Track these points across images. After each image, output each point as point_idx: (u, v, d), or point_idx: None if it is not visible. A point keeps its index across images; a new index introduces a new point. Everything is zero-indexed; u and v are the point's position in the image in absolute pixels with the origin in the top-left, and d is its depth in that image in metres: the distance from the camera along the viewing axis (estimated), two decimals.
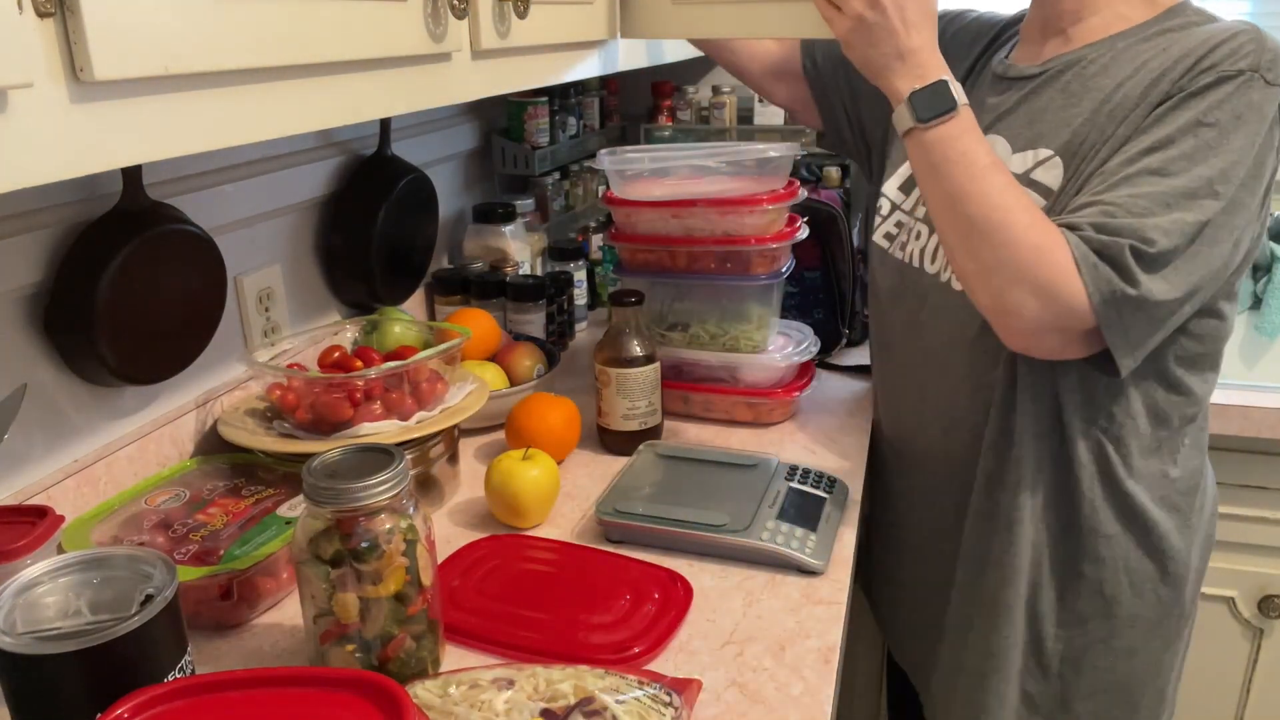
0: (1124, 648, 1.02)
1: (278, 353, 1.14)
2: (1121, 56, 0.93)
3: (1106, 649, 1.01)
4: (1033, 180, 0.94)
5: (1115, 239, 0.82)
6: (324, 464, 0.75)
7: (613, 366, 1.19)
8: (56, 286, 0.87)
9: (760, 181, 1.23)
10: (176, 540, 0.88)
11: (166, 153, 0.54)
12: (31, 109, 0.45)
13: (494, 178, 1.77)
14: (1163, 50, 0.90)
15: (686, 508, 1.01)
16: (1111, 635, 1.01)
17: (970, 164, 0.88)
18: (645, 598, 0.90)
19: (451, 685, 0.72)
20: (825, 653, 0.84)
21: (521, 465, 1.04)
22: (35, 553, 0.71)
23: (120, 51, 0.48)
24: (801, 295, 1.54)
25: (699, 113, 2.01)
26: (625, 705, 0.70)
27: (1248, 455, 1.48)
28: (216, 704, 0.55)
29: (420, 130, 1.50)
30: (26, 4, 0.44)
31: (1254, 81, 0.85)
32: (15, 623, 0.60)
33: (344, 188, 1.30)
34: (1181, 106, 0.86)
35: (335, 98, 0.68)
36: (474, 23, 0.84)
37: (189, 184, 1.03)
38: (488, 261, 1.58)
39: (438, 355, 1.06)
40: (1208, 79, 0.85)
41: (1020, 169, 0.96)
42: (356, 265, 1.29)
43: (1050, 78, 0.98)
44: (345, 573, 0.73)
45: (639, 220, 1.28)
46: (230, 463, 1.03)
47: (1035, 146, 0.96)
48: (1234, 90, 0.85)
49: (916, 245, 1.07)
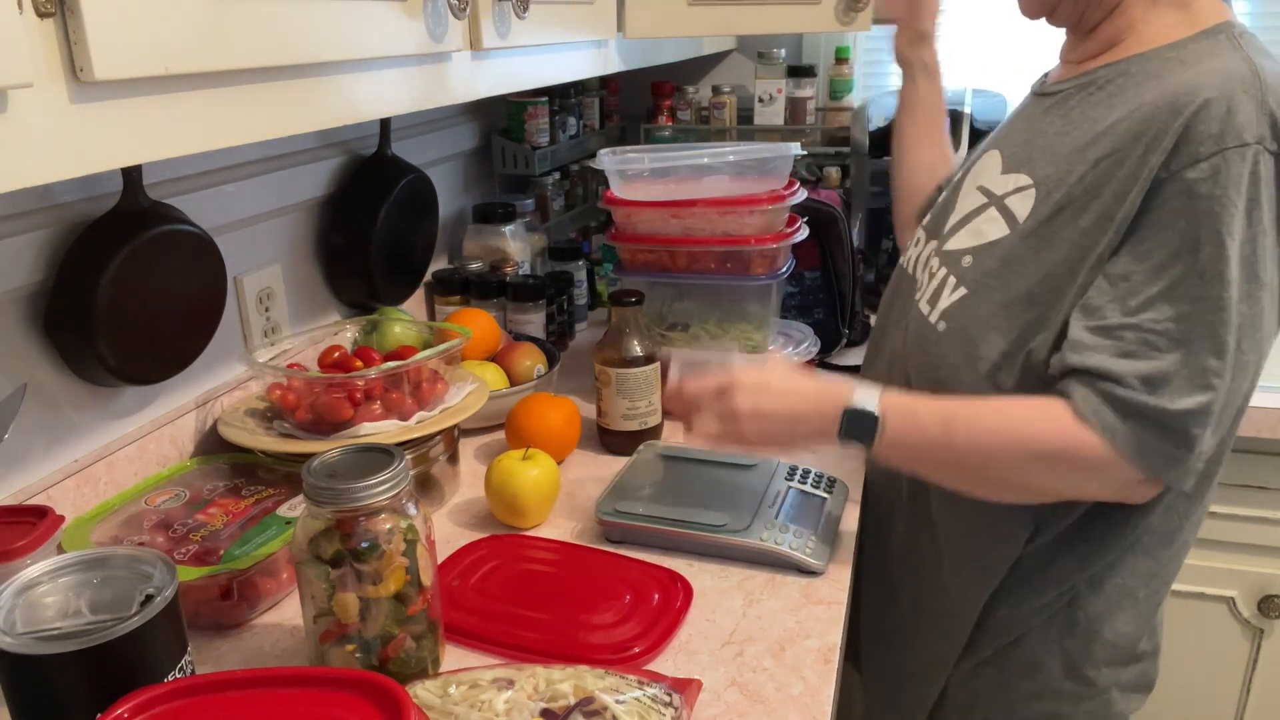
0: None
1: (278, 353, 1.14)
2: (1128, 85, 0.86)
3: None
4: (1005, 205, 0.92)
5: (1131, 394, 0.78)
6: (324, 464, 0.75)
7: (613, 366, 1.19)
8: (56, 286, 0.87)
9: (760, 181, 1.23)
10: (176, 540, 0.88)
11: (166, 153, 0.54)
12: (31, 109, 0.45)
13: (494, 178, 1.77)
14: (1157, 87, 0.82)
15: (686, 508, 1.01)
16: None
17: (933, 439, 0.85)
18: (645, 598, 0.90)
19: (451, 685, 0.72)
20: (825, 653, 0.84)
21: (521, 465, 1.04)
22: (35, 553, 0.71)
23: (120, 51, 0.48)
24: (801, 295, 1.54)
25: (699, 113, 2.01)
26: (625, 705, 0.70)
27: (1248, 455, 1.48)
28: (216, 704, 0.55)
29: (420, 130, 1.50)
30: (26, 4, 0.44)
31: (1262, 156, 0.76)
32: (15, 623, 0.60)
33: (344, 188, 1.30)
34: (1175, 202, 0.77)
35: (335, 98, 0.68)
36: (474, 23, 0.84)
37: (189, 184, 1.03)
38: (488, 261, 1.58)
39: (438, 355, 1.06)
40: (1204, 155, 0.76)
41: (1000, 189, 0.93)
42: (356, 265, 1.29)
43: (1062, 99, 0.93)
44: (345, 573, 0.73)
45: (639, 220, 1.28)
46: (230, 463, 1.03)
47: (1019, 170, 0.92)
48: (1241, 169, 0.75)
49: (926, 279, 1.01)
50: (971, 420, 0.84)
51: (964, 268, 0.93)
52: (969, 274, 0.92)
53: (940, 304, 0.95)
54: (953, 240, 0.97)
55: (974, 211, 0.96)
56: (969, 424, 0.83)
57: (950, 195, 1.04)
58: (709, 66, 2.07)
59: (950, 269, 0.95)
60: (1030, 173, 0.90)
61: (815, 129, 1.97)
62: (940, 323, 0.95)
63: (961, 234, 0.97)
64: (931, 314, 0.96)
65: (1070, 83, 0.93)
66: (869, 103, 1.82)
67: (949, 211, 1.02)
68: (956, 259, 0.95)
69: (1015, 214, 0.90)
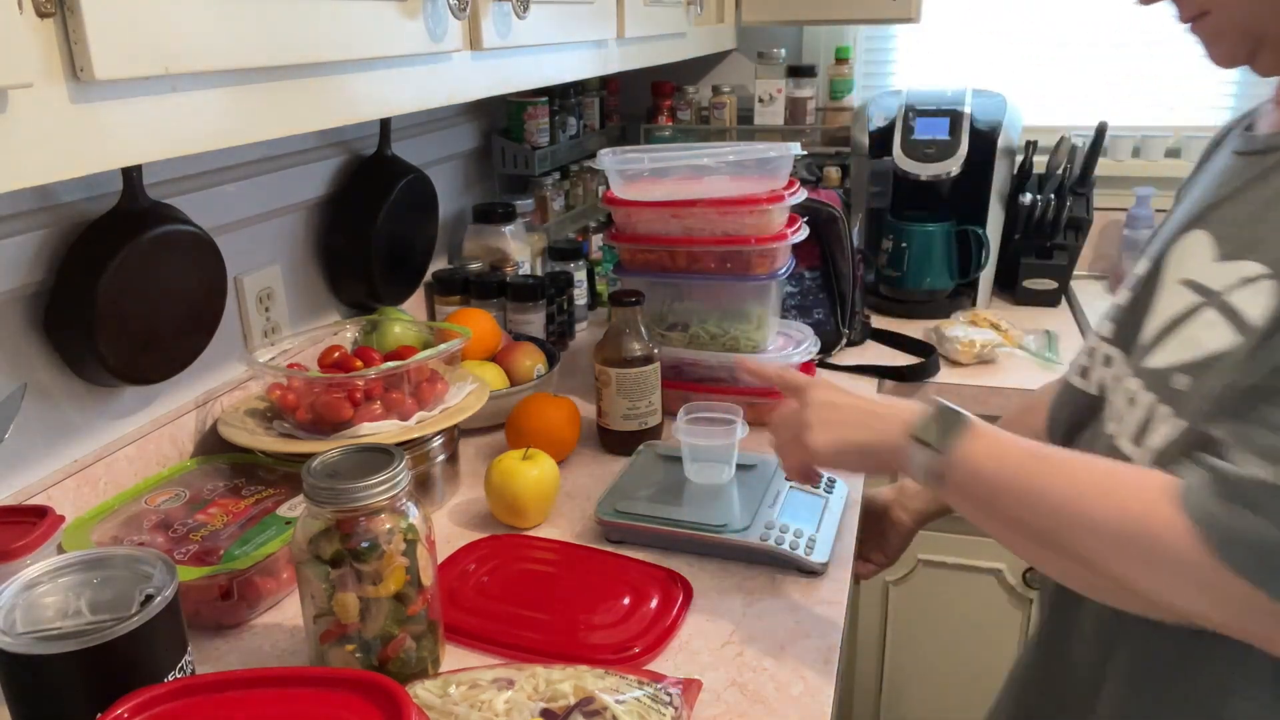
0: None
1: (278, 353, 1.14)
2: None
3: None
4: (1227, 305, 0.68)
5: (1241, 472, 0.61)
6: (324, 464, 0.75)
7: (613, 366, 1.19)
8: (56, 286, 0.87)
9: (760, 181, 1.23)
10: (176, 540, 0.88)
11: (166, 153, 0.54)
12: (31, 109, 0.45)
13: (494, 178, 1.77)
14: None
15: (686, 508, 1.01)
16: None
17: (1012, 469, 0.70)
18: (645, 598, 0.90)
19: (451, 685, 0.72)
20: (825, 653, 0.84)
21: (521, 465, 1.04)
22: (35, 553, 0.71)
23: (120, 51, 0.48)
24: (801, 295, 1.54)
25: (699, 113, 2.01)
26: (625, 705, 0.70)
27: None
28: (216, 704, 0.55)
29: (420, 130, 1.50)
30: (26, 4, 0.44)
31: None
32: (15, 623, 0.60)
33: (344, 188, 1.30)
34: None
35: (335, 98, 0.68)
36: (474, 23, 0.84)
37: (189, 184, 1.03)
38: (488, 261, 1.58)
39: (438, 355, 1.06)
40: None
41: (1219, 284, 0.70)
42: (356, 265, 1.29)
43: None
44: (345, 573, 0.73)
45: (639, 220, 1.28)
46: (230, 463, 1.03)
47: (1245, 256, 0.69)
48: None
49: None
50: (1058, 464, 0.69)
51: (1177, 391, 0.70)
52: (1188, 400, 0.68)
53: (1150, 441, 0.71)
54: (1157, 354, 0.73)
55: (1184, 315, 0.72)
56: (1052, 465, 0.69)
57: (1141, 293, 0.79)
58: (709, 66, 2.07)
59: (1158, 393, 0.72)
60: (1261, 258, 0.67)
61: (815, 129, 1.97)
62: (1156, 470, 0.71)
63: (1170, 345, 0.73)
64: (1137, 455, 0.72)
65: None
66: (869, 103, 1.83)
67: (1143, 314, 0.77)
68: (1164, 379, 0.71)
69: (1244, 315, 0.67)
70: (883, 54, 2.05)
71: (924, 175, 1.69)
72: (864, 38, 2.04)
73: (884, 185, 1.73)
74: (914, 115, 1.72)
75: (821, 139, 1.98)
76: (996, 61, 1.95)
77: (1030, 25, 1.91)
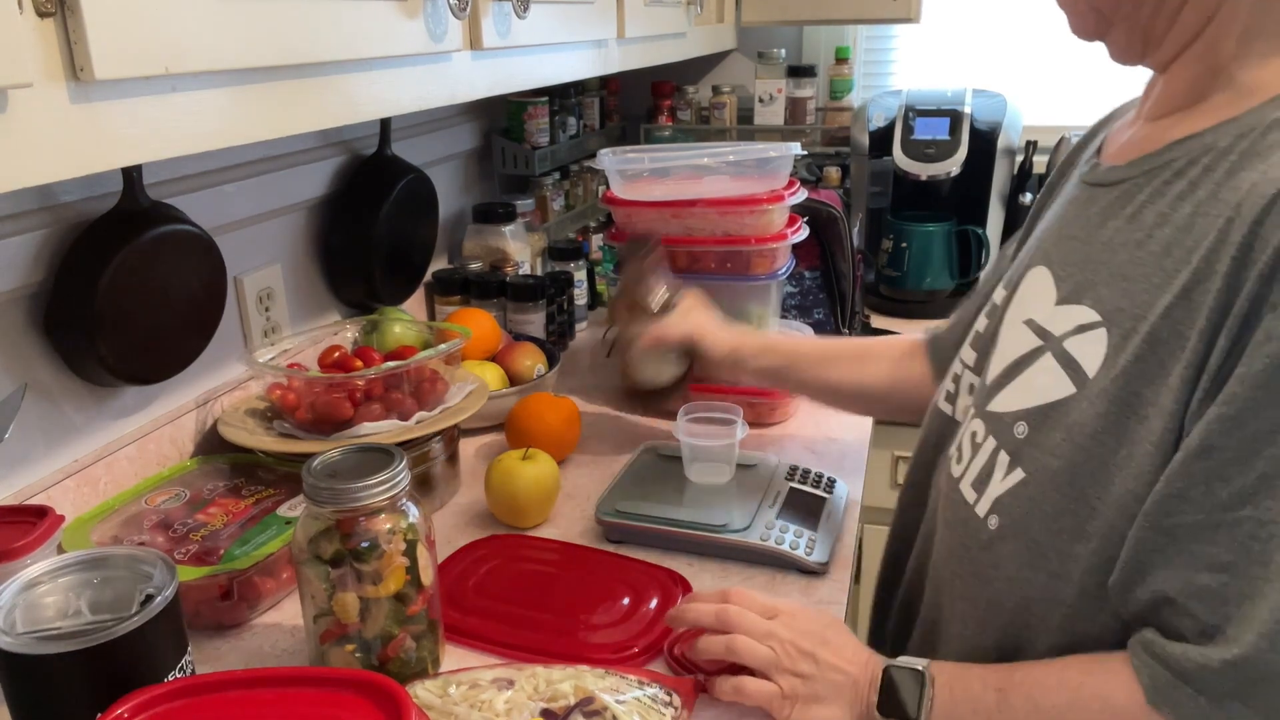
0: None
1: (278, 353, 1.14)
2: (1219, 168, 0.60)
3: None
4: (1065, 352, 0.66)
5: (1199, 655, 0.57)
6: (324, 464, 0.75)
7: (638, 320, 1.13)
8: (56, 286, 0.87)
9: (760, 181, 1.23)
10: (176, 540, 0.88)
11: (166, 153, 0.54)
12: (31, 109, 0.45)
13: (494, 178, 1.77)
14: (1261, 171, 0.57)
15: (686, 508, 1.01)
16: None
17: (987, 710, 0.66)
18: (645, 598, 0.90)
19: (451, 685, 0.72)
20: None
21: (521, 465, 1.04)
22: (35, 553, 0.71)
23: (120, 51, 0.48)
24: (801, 295, 1.54)
25: (699, 113, 2.01)
26: (625, 705, 0.70)
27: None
28: (216, 704, 0.55)
29: (420, 130, 1.50)
30: (26, 4, 0.44)
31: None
32: (15, 623, 0.60)
33: (344, 188, 1.30)
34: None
35: (335, 98, 0.68)
36: (474, 22, 0.84)
37: (189, 184, 1.03)
38: (488, 261, 1.58)
39: (438, 355, 1.06)
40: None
41: (1059, 329, 0.67)
42: (356, 265, 1.29)
43: (1126, 193, 0.66)
44: (345, 573, 0.73)
45: (639, 220, 1.28)
46: (230, 463, 1.03)
47: (1082, 299, 0.66)
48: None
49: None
50: (1032, 689, 0.64)
51: (1018, 440, 0.67)
52: (1026, 450, 0.66)
53: (990, 490, 0.69)
54: (1000, 398, 0.71)
55: (1024, 358, 0.70)
56: (1027, 694, 0.64)
57: (993, 323, 0.78)
58: (709, 66, 2.07)
59: (999, 439, 0.69)
60: (1096, 304, 0.65)
61: (815, 129, 1.97)
62: (991, 517, 0.68)
63: (1011, 389, 0.70)
64: (978, 503, 0.70)
65: (1136, 168, 0.66)
66: (869, 103, 1.83)
67: (991, 346, 0.76)
68: (1007, 426, 0.69)
69: (1081, 365, 0.64)
70: (883, 54, 2.06)
71: (924, 175, 1.69)
72: (864, 38, 2.04)
73: (884, 185, 1.74)
74: (914, 115, 1.72)
75: (821, 139, 1.98)
76: (996, 61, 1.95)
77: (1030, 25, 1.91)
